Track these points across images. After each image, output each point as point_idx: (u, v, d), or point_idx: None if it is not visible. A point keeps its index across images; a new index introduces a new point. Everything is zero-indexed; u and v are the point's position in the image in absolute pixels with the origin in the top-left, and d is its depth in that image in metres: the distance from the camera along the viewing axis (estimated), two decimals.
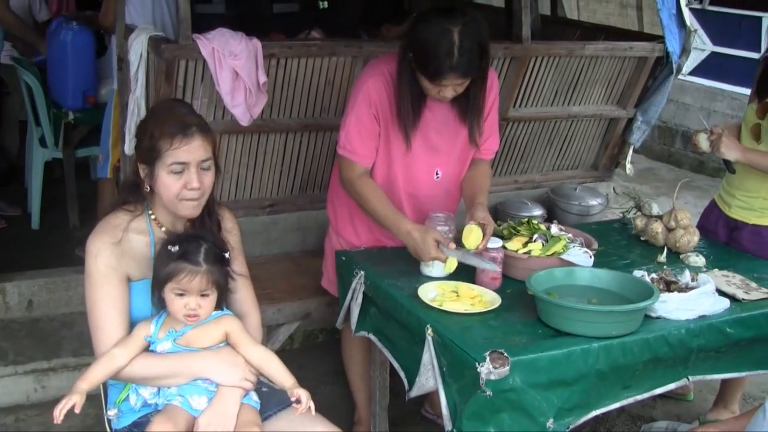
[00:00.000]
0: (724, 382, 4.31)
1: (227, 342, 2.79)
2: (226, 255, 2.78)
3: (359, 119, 3.51)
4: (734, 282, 3.47)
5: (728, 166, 3.97)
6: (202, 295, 2.68)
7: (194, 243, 2.71)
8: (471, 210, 3.50)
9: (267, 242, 4.72)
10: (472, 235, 3.32)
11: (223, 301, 2.80)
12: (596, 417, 3.10)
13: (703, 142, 3.94)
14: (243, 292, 2.98)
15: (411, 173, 3.64)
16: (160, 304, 2.73)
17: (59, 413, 2.50)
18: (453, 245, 3.33)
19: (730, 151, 3.88)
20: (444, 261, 3.30)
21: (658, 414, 4.50)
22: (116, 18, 4.46)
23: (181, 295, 2.66)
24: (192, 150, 2.70)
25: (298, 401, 2.70)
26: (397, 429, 4.08)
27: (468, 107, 3.55)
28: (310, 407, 2.70)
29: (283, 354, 4.47)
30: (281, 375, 2.78)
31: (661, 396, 4.38)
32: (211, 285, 2.69)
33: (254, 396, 2.81)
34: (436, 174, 3.68)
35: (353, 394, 4.11)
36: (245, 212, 4.57)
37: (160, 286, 2.68)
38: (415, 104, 3.48)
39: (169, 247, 2.68)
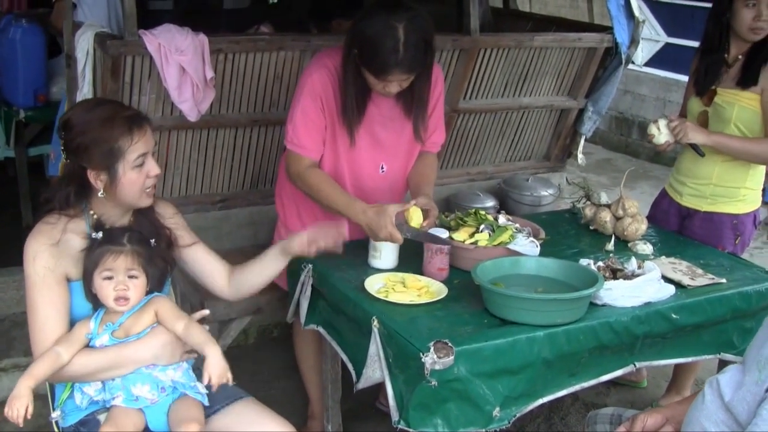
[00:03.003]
0: (676, 368, 4.37)
1: (157, 322, 2.78)
2: (152, 241, 2.80)
3: (305, 113, 3.51)
4: (680, 269, 3.50)
5: (697, 150, 3.95)
6: (130, 277, 2.69)
7: (118, 229, 2.74)
8: (415, 198, 3.51)
9: (218, 237, 4.68)
10: (416, 216, 3.33)
11: (152, 286, 2.80)
12: (550, 405, 3.14)
13: (656, 130, 3.94)
14: (202, 253, 3.08)
15: (356, 167, 3.65)
16: (93, 300, 2.72)
17: (21, 420, 2.47)
18: (413, 204, 3.36)
19: (696, 135, 3.90)
20: (398, 241, 3.28)
21: (612, 401, 4.52)
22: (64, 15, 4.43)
23: (109, 278, 2.66)
24: (148, 138, 2.75)
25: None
26: (351, 422, 4.08)
27: (413, 102, 3.56)
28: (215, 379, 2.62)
29: (238, 350, 4.51)
30: (203, 343, 2.69)
31: (615, 383, 4.44)
32: (138, 266, 2.70)
33: (201, 388, 2.78)
34: (381, 168, 3.69)
35: (306, 388, 4.10)
36: (196, 208, 4.56)
37: (90, 278, 2.68)
38: (359, 100, 3.49)
39: (93, 235, 2.71)
